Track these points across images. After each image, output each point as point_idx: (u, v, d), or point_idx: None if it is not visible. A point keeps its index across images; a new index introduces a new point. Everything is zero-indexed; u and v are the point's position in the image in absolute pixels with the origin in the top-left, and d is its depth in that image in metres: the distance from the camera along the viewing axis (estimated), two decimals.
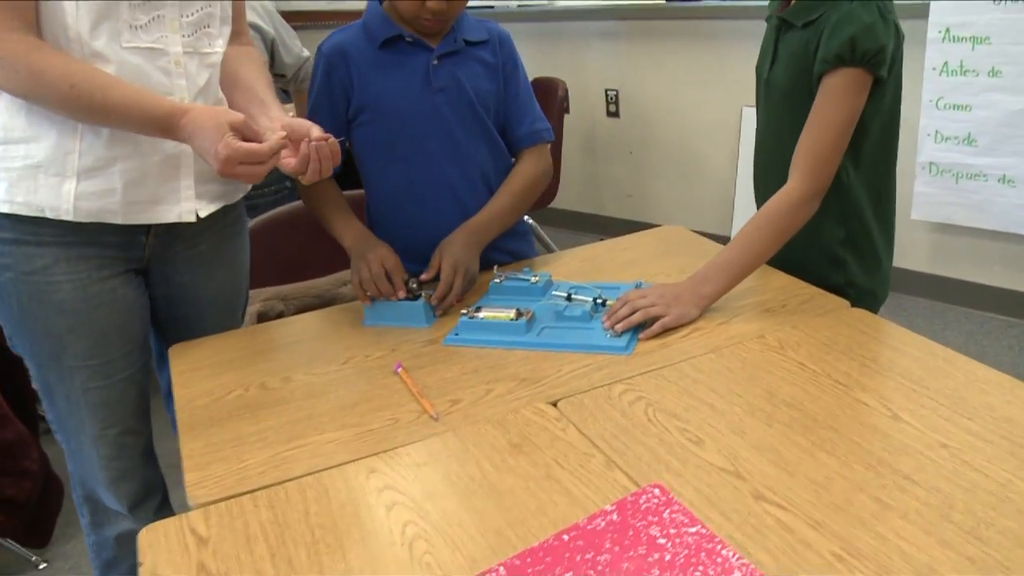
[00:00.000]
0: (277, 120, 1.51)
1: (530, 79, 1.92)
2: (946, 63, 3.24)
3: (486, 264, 1.78)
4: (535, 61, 4.49)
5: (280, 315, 2.20)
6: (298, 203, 2.35)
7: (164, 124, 1.39)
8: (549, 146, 1.92)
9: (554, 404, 1.30)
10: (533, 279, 1.66)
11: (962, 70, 3.21)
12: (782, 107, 1.63)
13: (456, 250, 1.68)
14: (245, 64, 1.66)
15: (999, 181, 3.24)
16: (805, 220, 1.53)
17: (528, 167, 1.86)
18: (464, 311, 1.56)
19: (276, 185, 3.18)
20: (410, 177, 1.80)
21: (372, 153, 1.80)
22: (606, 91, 4.39)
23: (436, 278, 1.65)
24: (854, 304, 1.56)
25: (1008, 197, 3.23)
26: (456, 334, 1.53)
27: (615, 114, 4.41)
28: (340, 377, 1.43)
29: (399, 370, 1.42)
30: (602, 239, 2.12)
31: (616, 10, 4.19)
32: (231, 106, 1.61)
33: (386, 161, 1.80)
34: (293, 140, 1.45)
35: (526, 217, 2.01)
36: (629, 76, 4.30)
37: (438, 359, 1.47)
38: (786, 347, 1.41)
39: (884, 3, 1.48)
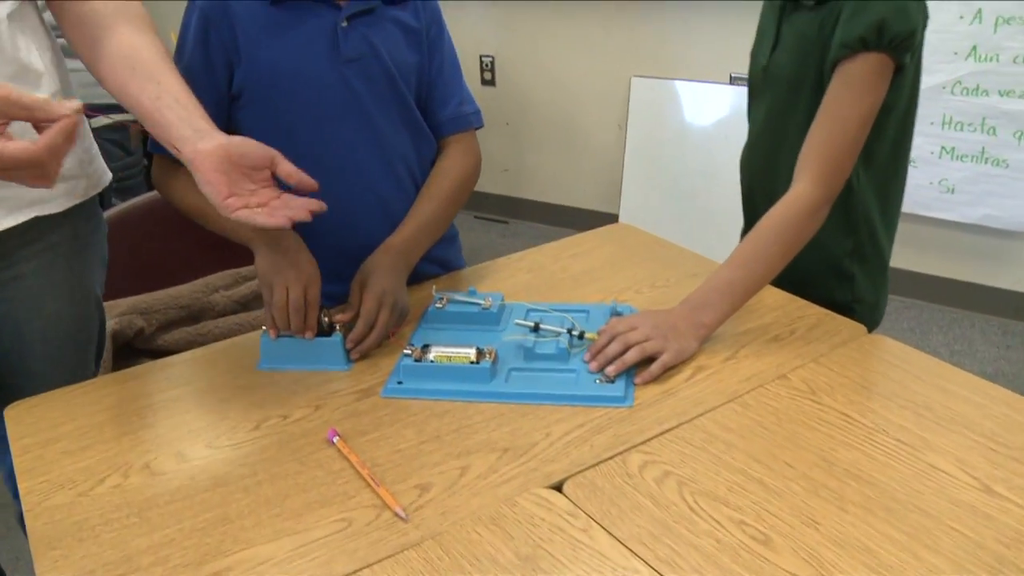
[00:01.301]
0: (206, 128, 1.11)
1: None
2: None
3: (412, 278, 1.43)
4: None
5: (140, 333, 1.80)
6: (152, 193, 1.93)
7: None
8: (476, 134, 1.58)
9: (558, 488, 0.98)
10: (484, 303, 1.33)
11: None
12: (787, 100, 1.36)
13: (381, 279, 1.30)
14: (127, 28, 1.17)
15: None
16: (815, 230, 1.27)
17: (455, 162, 1.52)
18: (407, 350, 1.21)
19: (143, 163, 2.70)
20: (316, 171, 1.41)
21: (264, 140, 1.41)
22: (481, 57, 4.05)
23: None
24: (859, 320, 1.33)
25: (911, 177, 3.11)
26: (399, 383, 1.18)
27: (490, 82, 4.08)
28: (255, 451, 1.07)
29: (335, 441, 1.06)
30: (476, 216, 1.80)
31: None
32: (123, 96, 1.16)
33: (283, 150, 1.41)
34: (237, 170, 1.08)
35: None
36: (507, 42, 3.97)
37: (382, 420, 1.12)
38: (817, 391, 1.14)
39: None
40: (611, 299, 1.39)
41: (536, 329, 1.25)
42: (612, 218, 3.82)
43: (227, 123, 1.40)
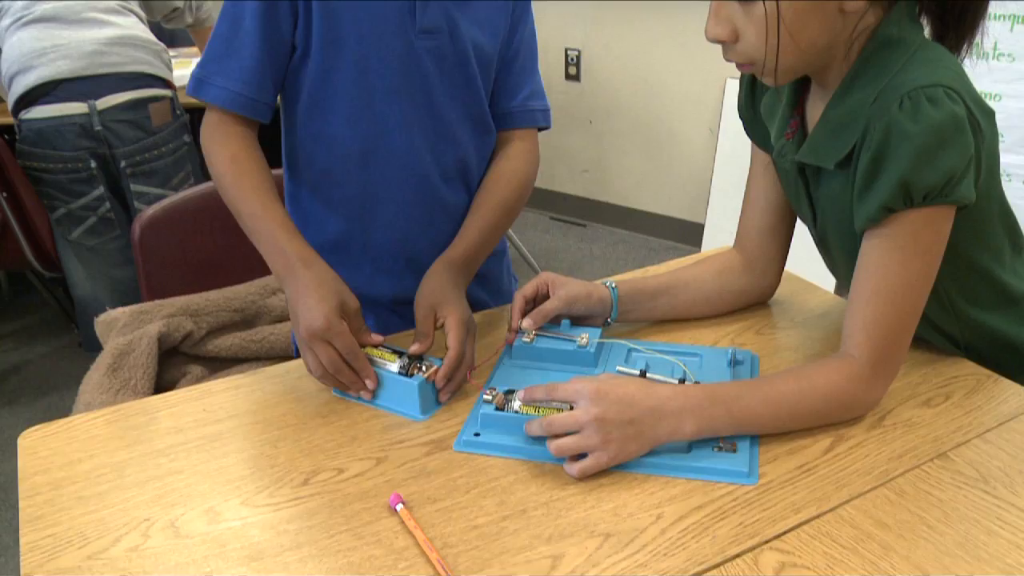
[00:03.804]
0: None
1: None
2: (976, 43, 2.80)
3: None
4: None
5: (188, 337, 1.64)
6: (209, 183, 1.77)
7: None
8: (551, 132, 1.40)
9: None
10: (580, 339, 1.12)
11: (995, 53, 2.78)
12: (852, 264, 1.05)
13: (457, 303, 1.13)
14: None
15: None
16: (866, 412, 1.03)
17: (518, 165, 1.33)
18: (486, 394, 1.02)
19: (174, 141, 2.53)
20: (363, 151, 1.24)
21: (311, 103, 1.23)
22: (566, 51, 3.83)
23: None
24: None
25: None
26: (476, 434, 0.99)
27: (575, 77, 3.87)
28: (301, 514, 0.88)
29: (398, 509, 0.87)
30: (553, 218, 1.60)
31: None
32: None
33: (328, 124, 1.23)
34: None
35: None
36: (594, 35, 3.76)
37: (456, 483, 0.92)
38: (990, 479, 0.93)
39: (951, 87, 0.90)
40: (728, 341, 1.19)
41: (642, 377, 1.05)
42: (697, 228, 3.60)
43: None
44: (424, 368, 1.04)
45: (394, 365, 1.05)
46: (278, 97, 1.22)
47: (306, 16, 1.16)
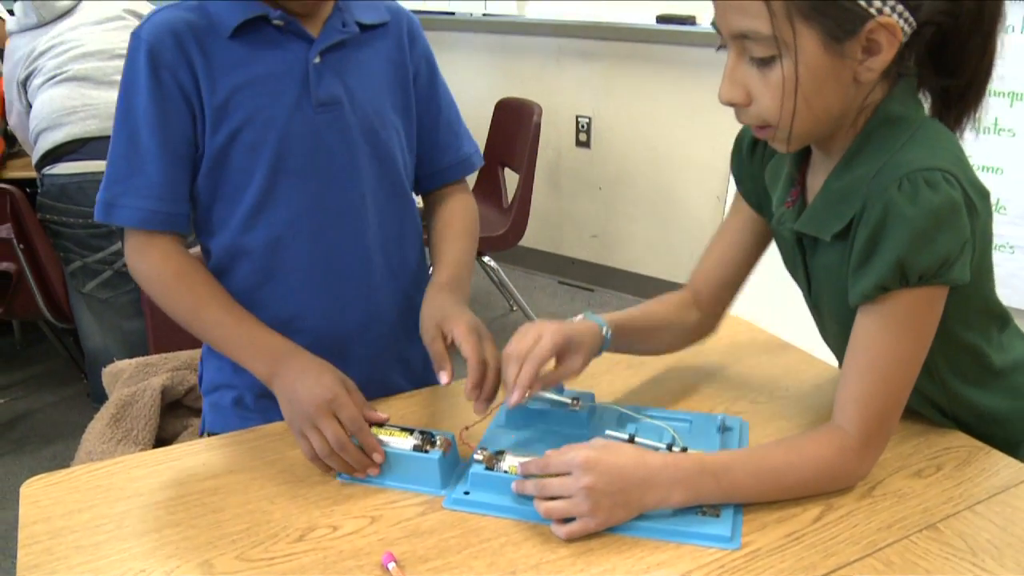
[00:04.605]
0: None
1: (495, 99, 1.43)
2: (978, 118, 2.85)
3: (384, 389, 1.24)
4: (496, 78, 3.99)
5: (192, 390, 1.66)
6: None
7: None
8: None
9: None
10: (572, 403, 1.14)
11: (996, 128, 2.82)
12: (846, 335, 1.06)
13: (458, 312, 1.14)
14: None
15: None
16: (856, 482, 1.04)
17: (466, 202, 1.39)
18: (477, 454, 1.03)
19: None
20: (269, 239, 1.20)
21: (208, 205, 1.20)
22: (577, 118, 3.91)
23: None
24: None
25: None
26: (466, 493, 1.01)
27: (585, 144, 3.93)
28: (294, 570, 0.90)
29: (391, 568, 0.89)
30: (561, 282, 1.62)
31: (597, 28, 3.70)
32: None
33: (231, 213, 1.20)
34: None
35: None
36: (605, 103, 3.83)
37: (448, 544, 0.94)
38: (979, 551, 0.93)
39: (949, 171, 0.92)
40: (722, 408, 1.21)
41: (631, 441, 1.06)
42: None
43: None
44: (438, 442, 1.05)
45: (407, 443, 1.04)
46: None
47: (201, 111, 1.13)
